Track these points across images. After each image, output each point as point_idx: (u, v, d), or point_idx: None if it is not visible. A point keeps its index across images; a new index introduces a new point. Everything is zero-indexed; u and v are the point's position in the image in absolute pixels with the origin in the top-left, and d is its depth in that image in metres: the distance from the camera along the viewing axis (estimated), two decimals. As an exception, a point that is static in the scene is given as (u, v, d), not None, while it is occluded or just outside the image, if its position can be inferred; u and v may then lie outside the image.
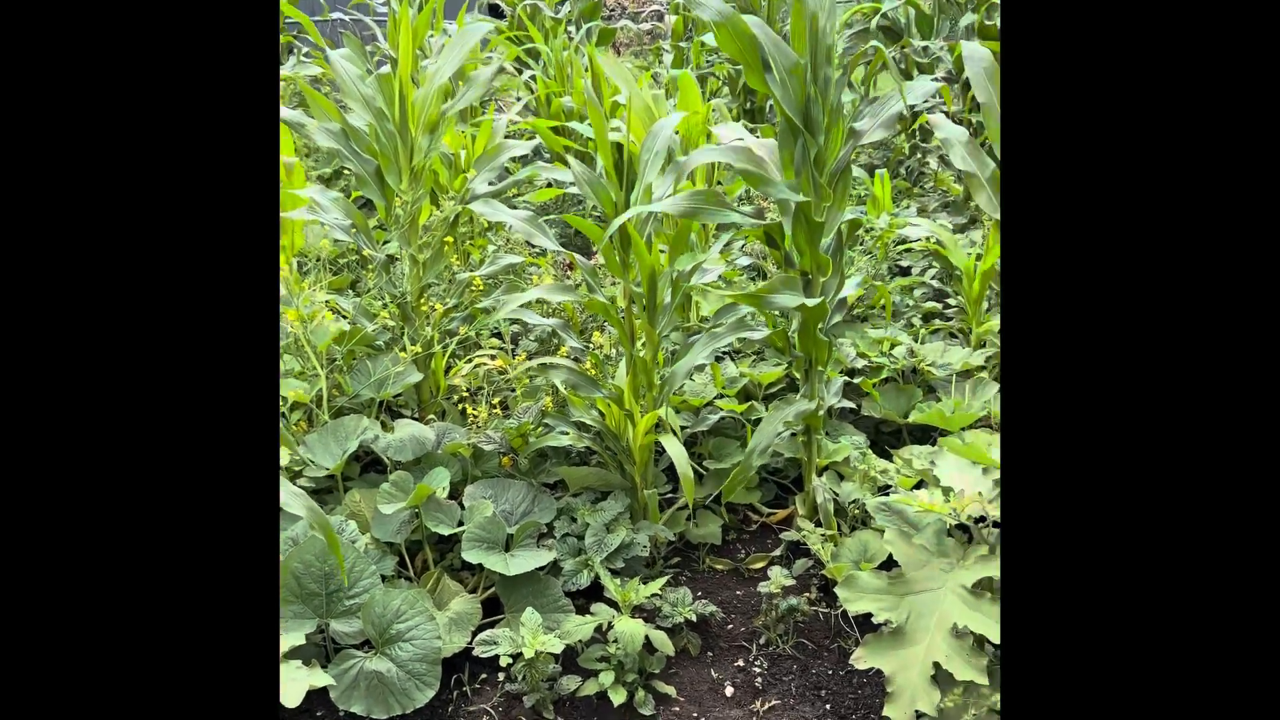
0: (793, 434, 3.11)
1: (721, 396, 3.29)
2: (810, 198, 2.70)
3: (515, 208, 3.78)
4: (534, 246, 4.09)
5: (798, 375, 3.04)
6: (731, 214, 2.66)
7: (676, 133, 2.95)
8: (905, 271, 4.28)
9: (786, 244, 2.93)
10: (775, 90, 2.61)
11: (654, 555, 2.88)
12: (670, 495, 3.12)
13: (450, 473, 2.75)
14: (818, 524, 2.88)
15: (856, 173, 4.76)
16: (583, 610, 2.55)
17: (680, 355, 2.96)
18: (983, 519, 2.11)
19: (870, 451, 3.01)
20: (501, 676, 2.39)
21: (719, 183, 4.53)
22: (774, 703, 2.37)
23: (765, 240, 3.14)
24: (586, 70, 4.89)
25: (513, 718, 2.32)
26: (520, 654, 2.30)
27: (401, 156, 3.31)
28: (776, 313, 3.59)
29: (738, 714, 2.34)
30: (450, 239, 3.46)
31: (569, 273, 4.13)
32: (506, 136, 4.28)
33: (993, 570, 1.91)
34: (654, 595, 2.55)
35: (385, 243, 3.58)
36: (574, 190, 4.20)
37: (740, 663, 2.51)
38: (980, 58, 3.18)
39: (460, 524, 2.66)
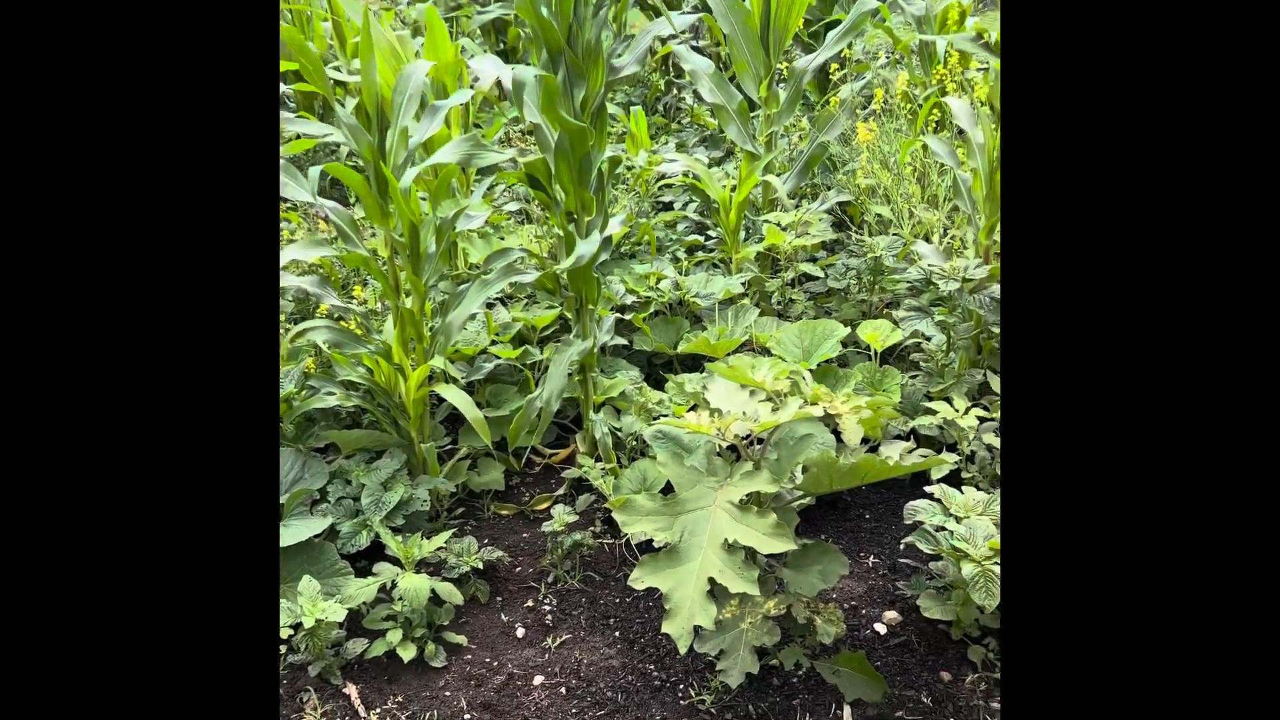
0: (569, 374, 3.13)
1: (495, 343, 3.26)
2: (574, 133, 2.68)
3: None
4: (286, 200, 3.86)
5: (570, 316, 3.06)
6: (503, 155, 2.65)
7: (428, 77, 2.86)
8: (667, 207, 4.37)
9: (552, 185, 2.91)
10: (540, 24, 2.58)
11: (437, 509, 2.84)
12: (450, 447, 3.07)
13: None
14: (598, 459, 2.93)
15: (613, 110, 4.79)
16: (365, 572, 2.49)
17: (451, 305, 2.90)
18: (748, 437, 2.21)
19: (645, 384, 3.09)
20: (284, 649, 2.30)
21: (477, 125, 4.44)
22: (565, 637, 2.41)
23: (529, 183, 3.11)
24: (328, 13, 4.62)
25: (299, 689, 2.24)
26: (300, 624, 2.22)
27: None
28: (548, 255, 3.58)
29: (530, 653, 2.36)
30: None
31: (321, 227, 3.93)
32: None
33: (759, 485, 2.01)
34: (439, 548, 2.52)
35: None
36: (331, 140, 3.98)
37: (530, 603, 2.54)
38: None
39: (225, 498, 2.51)
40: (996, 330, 3.12)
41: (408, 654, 2.28)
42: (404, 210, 2.63)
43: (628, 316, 3.42)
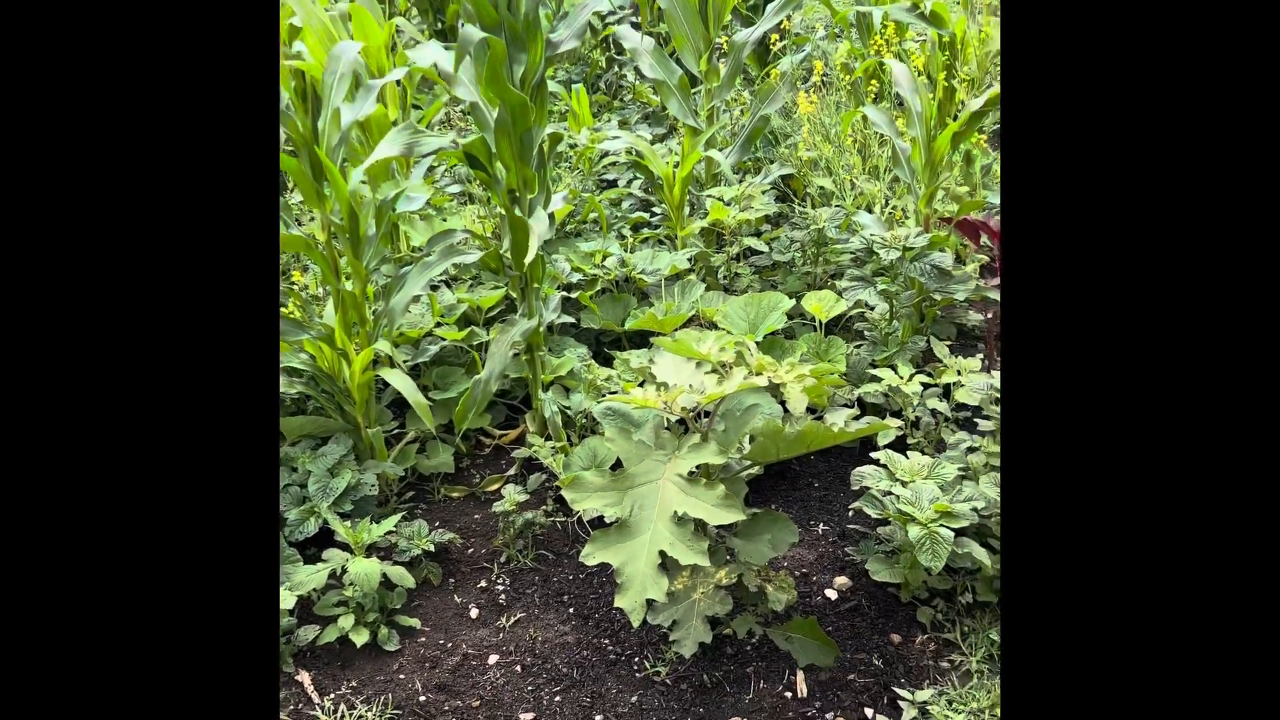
0: (516, 354, 3.11)
1: (440, 325, 3.23)
2: (515, 105, 2.65)
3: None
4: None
5: (515, 295, 3.04)
6: (444, 139, 2.62)
7: (360, 56, 2.81)
8: (612, 184, 4.35)
9: (492, 164, 2.88)
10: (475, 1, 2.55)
11: (386, 493, 2.82)
12: (398, 431, 3.05)
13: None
14: (548, 438, 2.93)
15: (555, 88, 4.76)
16: (315, 559, 2.46)
17: (394, 288, 2.86)
18: (696, 410, 2.22)
19: (593, 362, 3.08)
20: (233, 641, 2.27)
21: (416, 106, 4.38)
22: (519, 616, 2.41)
23: (468, 163, 3.07)
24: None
25: (250, 680, 2.22)
26: (249, 614, 2.19)
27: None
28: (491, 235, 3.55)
29: (485, 633, 2.36)
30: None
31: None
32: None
33: (706, 456, 2.02)
34: (389, 532, 2.50)
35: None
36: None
37: (483, 584, 2.53)
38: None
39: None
40: (938, 298, 3.16)
41: (360, 639, 2.26)
42: (342, 191, 2.59)
43: (574, 295, 3.41)
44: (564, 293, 3.37)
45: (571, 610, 2.43)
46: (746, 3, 4.72)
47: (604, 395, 2.90)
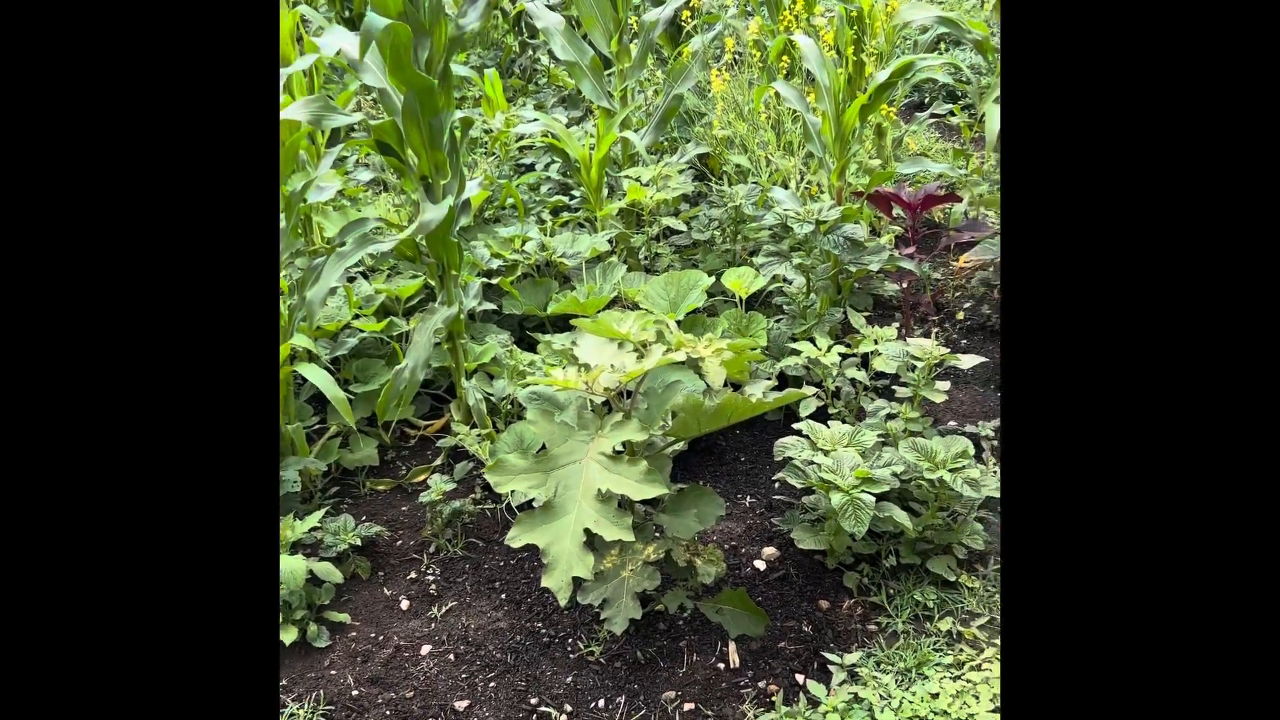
0: (438, 343, 3.08)
1: (359, 317, 3.18)
2: (422, 90, 2.62)
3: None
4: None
5: (434, 284, 3.00)
6: (352, 117, 2.58)
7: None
8: (529, 169, 4.33)
9: (403, 150, 2.84)
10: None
11: (310, 489, 2.77)
12: (320, 426, 3.00)
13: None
14: (474, 426, 2.91)
15: (468, 73, 4.70)
16: (238, 560, 2.41)
17: (308, 281, 2.81)
18: (619, 389, 2.22)
19: (516, 347, 3.07)
20: (155, 648, 2.22)
21: (329, 95, 4.29)
22: (451, 605, 2.40)
23: (379, 149, 3.02)
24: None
25: (176, 687, 2.17)
26: (171, 619, 2.14)
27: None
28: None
29: (416, 624, 2.34)
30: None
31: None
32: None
33: (629, 434, 2.03)
34: (314, 529, 2.47)
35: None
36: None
37: (413, 575, 2.51)
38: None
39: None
40: (853, 269, 3.21)
41: (289, 637, 2.23)
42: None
43: (495, 281, 3.38)
44: (484, 279, 3.34)
45: (504, 596, 2.42)
46: (656, -18, 4.72)
47: (528, 380, 2.89)
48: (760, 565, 2.47)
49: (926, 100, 5.94)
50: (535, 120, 3.82)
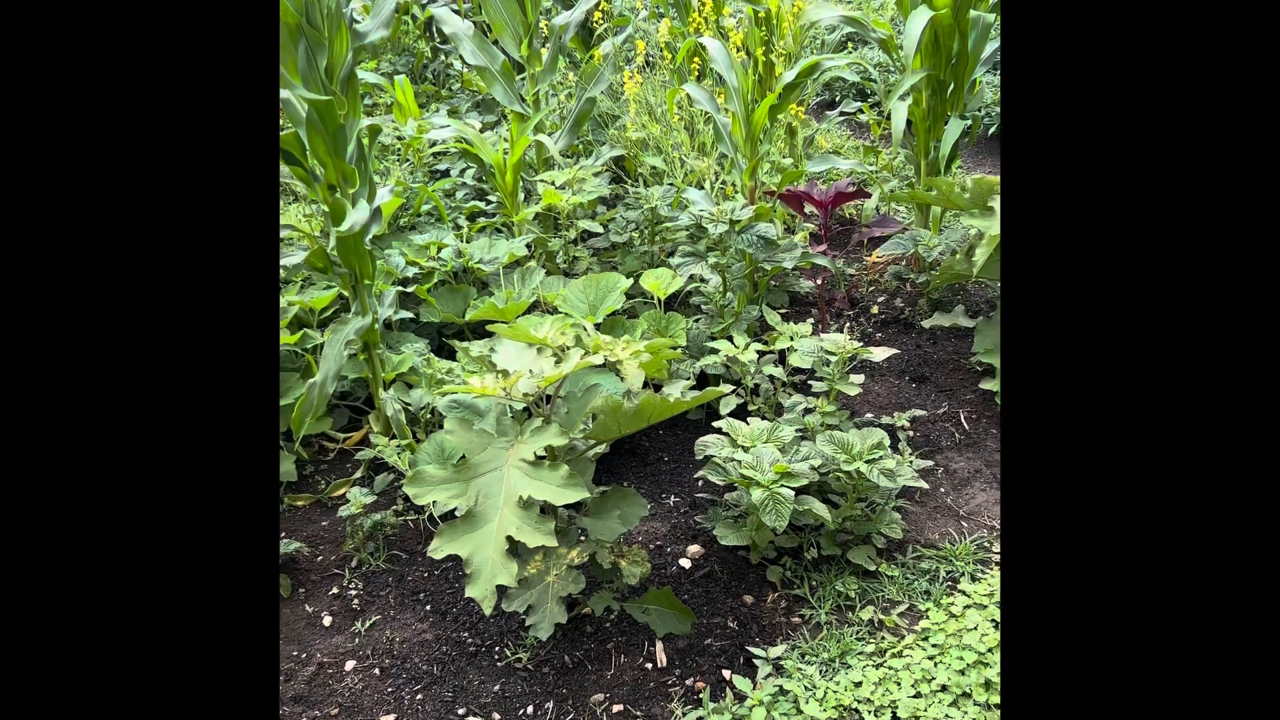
0: (353, 354, 3.04)
1: (271, 330, 3.11)
2: (321, 106, 2.58)
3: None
4: None
5: (348, 294, 2.96)
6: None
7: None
8: (444, 175, 4.29)
9: (308, 160, 2.79)
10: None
11: (225, 508, 2.71)
12: (234, 443, 2.92)
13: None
14: (393, 437, 2.87)
15: (378, 80, 4.64)
16: (150, 584, 2.34)
17: (214, 294, 2.74)
18: (539, 395, 2.22)
19: (434, 356, 3.04)
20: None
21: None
22: (375, 619, 2.37)
23: (285, 160, 2.97)
24: None
25: (88, 719, 2.10)
26: (80, 649, 2.07)
27: None
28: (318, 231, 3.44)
29: (339, 640, 2.30)
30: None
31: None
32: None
33: (549, 438, 2.02)
34: (229, 548, 2.40)
35: None
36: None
37: (335, 590, 2.47)
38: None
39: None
40: (768, 267, 3.26)
41: (205, 662, 2.17)
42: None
43: (411, 289, 3.34)
44: (400, 288, 3.30)
45: (429, 608, 2.40)
46: (566, -14, 4.73)
47: (446, 389, 2.87)
48: (685, 564, 2.49)
49: (837, 99, 6.05)
50: (448, 126, 3.79)
